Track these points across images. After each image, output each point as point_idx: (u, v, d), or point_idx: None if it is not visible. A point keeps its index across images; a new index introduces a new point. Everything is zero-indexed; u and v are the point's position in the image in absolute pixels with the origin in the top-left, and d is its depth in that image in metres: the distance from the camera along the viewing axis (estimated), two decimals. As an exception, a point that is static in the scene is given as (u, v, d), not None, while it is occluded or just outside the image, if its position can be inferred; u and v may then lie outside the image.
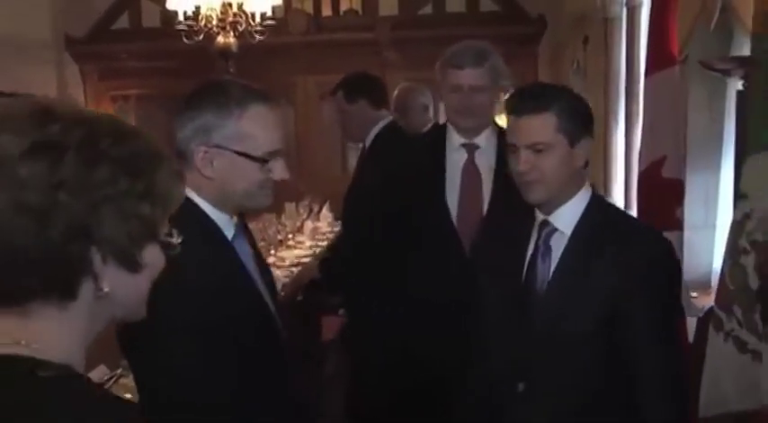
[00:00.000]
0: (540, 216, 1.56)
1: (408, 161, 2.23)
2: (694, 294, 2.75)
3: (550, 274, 1.53)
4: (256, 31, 5.12)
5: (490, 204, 2.11)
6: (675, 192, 2.51)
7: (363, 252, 2.31)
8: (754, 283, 1.77)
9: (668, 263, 1.52)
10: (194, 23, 5.07)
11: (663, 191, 2.51)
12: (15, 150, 0.72)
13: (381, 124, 2.90)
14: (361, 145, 3.06)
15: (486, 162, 2.15)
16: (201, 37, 5.14)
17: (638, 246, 1.47)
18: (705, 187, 3.16)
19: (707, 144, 3.16)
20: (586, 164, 1.55)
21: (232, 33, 5.04)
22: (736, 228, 1.84)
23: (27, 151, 0.72)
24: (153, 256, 0.80)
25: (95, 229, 0.74)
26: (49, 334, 0.74)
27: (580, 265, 1.49)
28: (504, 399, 1.57)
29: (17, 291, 0.74)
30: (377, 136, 2.89)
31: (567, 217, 1.52)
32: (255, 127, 1.35)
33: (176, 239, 0.82)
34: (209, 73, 6.65)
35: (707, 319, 2.04)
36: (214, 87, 1.41)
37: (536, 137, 1.47)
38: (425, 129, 3.38)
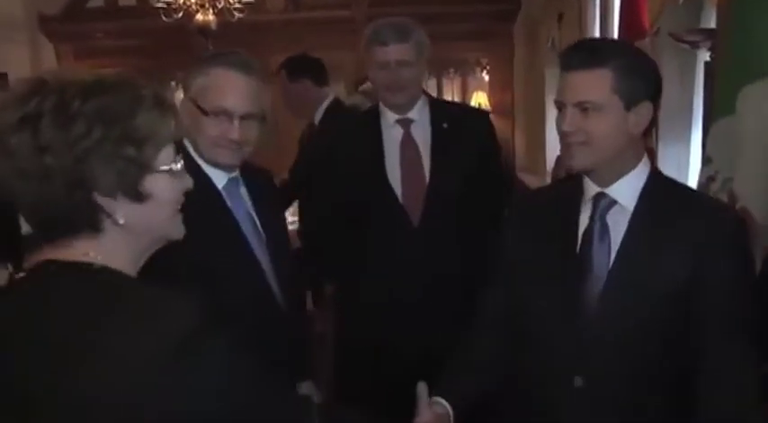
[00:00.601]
0: (593, 188, 1.36)
1: (346, 144, 2.23)
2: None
3: (612, 255, 1.34)
4: (235, 9, 5.13)
5: (431, 175, 2.12)
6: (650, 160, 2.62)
7: (325, 228, 2.35)
8: (718, 240, 1.88)
9: (746, 241, 1.35)
10: (173, 1, 5.06)
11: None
12: (7, 124, 0.86)
13: (328, 101, 3.14)
14: (309, 121, 3.25)
15: (422, 134, 2.16)
16: (180, 15, 5.12)
17: (714, 223, 1.29)
18: (677, 156, 3.26)
19: (679, 114, 3.26)
20: (647, 132, 1.36)
21: (211, 11, 5.04)
22: (702, 189, 1.95)
23: (15, 124, 0.87)
24: (158, 185, 0.93)
25: (90, 177, 0.88)
26: (99, 254, 0.91)
27: (647, 244, 1.31)
28: (558, 394, 1.38)
29: (48, 233, 0.91)
30: (326, 112, 3.11)
31: (627, 190, 1.33)
32: (213, 84, 1.49)
33: (176, 166, 0.95)
34: (186, 51, 6.63)
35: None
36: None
37: (586, 94, 1.29)
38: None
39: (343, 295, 2.40)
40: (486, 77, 7.02)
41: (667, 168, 3.21)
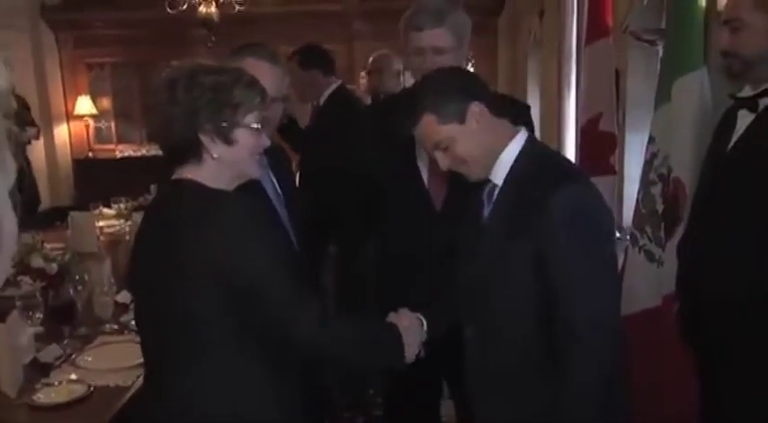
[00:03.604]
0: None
1: (378, 126, 2.16)
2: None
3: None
4: (236, 2, 5.41)
5: None
6: (610, 142, 2.98)
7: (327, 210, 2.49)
8: (659, 207, 2.23)
9: (587, 211, 1.44)
10: (178, -7, 5.33)
11: (600, 142, 2.97)
12: (159, 86, 1.34)
13: (332, 87, 3.54)
14: (314, 103, 3.66)
15: None
16: (185, 6, 5.39)
17: (557, 196, 1.40)
18: (641, 142, 3.60)
19: (642, 105, 3.60)
20: (499, 113, 1.53)
21: (214, 3, 5.32)
22: (647, 164, 2.29)
23: (162, 86, 1.34)
24: (243, 136, 1.36)
25: (198, 124, 1.33)
26: (203, 176, 1.36)
27: (506, 214, 1.50)
28: (463, 343, 1.62)
29: (172, 162, 1.38)
30: (330, 96, 3.50)
31: (500, 170, 1.53)
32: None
33: (257, 125, 1.38)
34: (184, 41, 6.90)
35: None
36: None
37: (431, 137, 1.53)
38: (397, 91, 3.88)
39: (348, 267, 2.50)
40: (471, 69, 7.34)
41: (633, 153, 3.56)
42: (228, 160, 1.36)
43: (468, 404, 1.70)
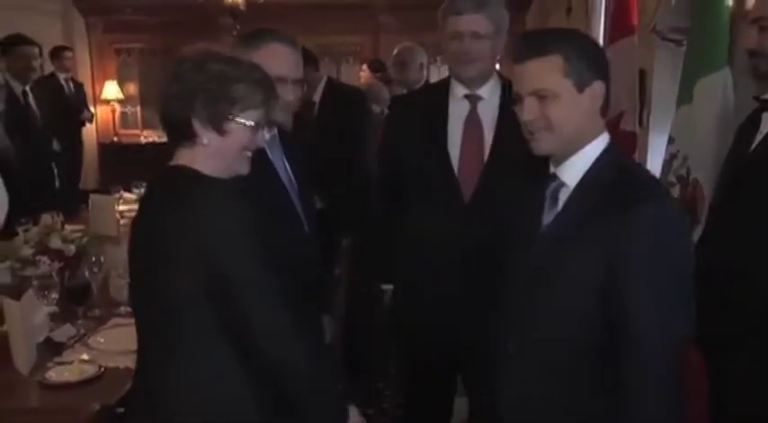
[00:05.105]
0: (551, 167, 1.42)
1: (410, 115, 2.19)
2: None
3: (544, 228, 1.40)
4: (264, -9, 5.42)
5: (490, 156, 2.03)
6: (631, 142, 2.94)
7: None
8: (677, 209, 2.20)
9: (669, 229, 1.29)
10: (206, -18, 5.35)
11: (620, 141, 2.92)
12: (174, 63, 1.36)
13: (323, 82, 3.60)
14: (307, 100, 3.68)
15: (489, 114, 2.06)
16: (213, -5, 5.41)
17: (638, 210, 1.26)
18: (664, 142, 3.56)
19: (669, 107, 3.55)
20: (604, 111, 1.40)
21: (242, -8, 5.34)
22: (666, 165, 2.26)
23: (176, 64, 1.40)
24: (235, 129, 1.37)
25: (194, 108, 1.34)
26: (195, 162, 1.38)
27: (576, 222, 1.34)
28: (498, 358, 1.47)
29: (171, 142, 1.40)
30: (324, 90, 3.57)
31: (574, 169, 1.38)
32: (271, 56, 1.76)
33: (250, 123, 1.38)
34: (211, 28, 6.95)
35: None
36: None
37: (540, 82, 1.34)
38: (419, 84, 3.91)
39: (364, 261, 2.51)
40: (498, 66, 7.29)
41: (657, 153, 3.52)
42: (218, 150, 1.36)
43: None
